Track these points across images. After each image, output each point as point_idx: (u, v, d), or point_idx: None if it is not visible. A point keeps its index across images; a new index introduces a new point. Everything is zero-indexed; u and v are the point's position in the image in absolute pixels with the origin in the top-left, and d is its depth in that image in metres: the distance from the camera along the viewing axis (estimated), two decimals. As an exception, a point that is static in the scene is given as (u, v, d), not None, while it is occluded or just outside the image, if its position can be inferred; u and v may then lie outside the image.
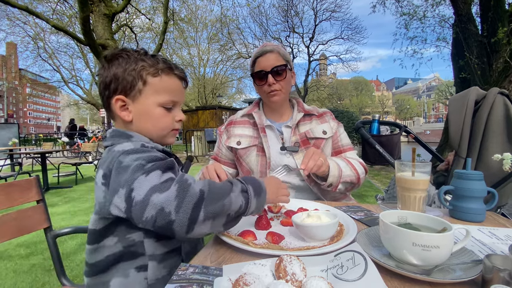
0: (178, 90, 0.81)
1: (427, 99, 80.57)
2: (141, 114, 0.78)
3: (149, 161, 0.64)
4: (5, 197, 1.03)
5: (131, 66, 0.75)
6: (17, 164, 6.73)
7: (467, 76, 6.80)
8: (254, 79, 1.29)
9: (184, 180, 0.60)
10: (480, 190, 0.84)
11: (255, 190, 0.67)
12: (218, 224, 0.61)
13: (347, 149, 1.33)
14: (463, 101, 1.28)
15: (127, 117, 0.77)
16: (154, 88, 0.76)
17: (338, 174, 1.13)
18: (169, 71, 0.79)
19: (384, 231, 0.57)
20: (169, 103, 0.79)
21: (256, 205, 0.67)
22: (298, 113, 1.30)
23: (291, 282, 0.46)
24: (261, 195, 0.68)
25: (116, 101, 0.76)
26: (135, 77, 0.75)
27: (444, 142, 7.22)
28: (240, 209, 0.64)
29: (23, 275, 2.18)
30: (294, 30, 22.28)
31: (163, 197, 0.57)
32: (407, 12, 9.82)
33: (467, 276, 0.49)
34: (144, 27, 17.43)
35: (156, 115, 0.78)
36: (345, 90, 54.02)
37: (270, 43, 1.29)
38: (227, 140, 1.33)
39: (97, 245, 0.71)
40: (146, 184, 0.59)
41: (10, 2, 7.17)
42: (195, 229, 0.58)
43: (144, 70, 0.76)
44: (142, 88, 0.76)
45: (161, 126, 0.80)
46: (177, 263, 0.73)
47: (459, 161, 1.27)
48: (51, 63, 22.35)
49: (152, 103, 0.77)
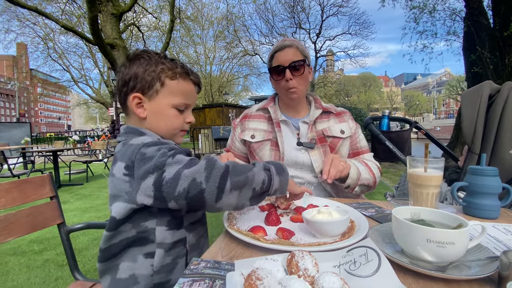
0: (191, 94, 0.87)
1: (437, 95, 79.03)
2: (155, 112, 0.83)
3: (171, 149, 0.69)
4: (20, 193, 1.05)
5: (151, 68, 0.81)
6: (30, 162, 6.89)
7: (479, 71, 6.64)
8: (272, 74, 1.28)
9: (210, 157, 0.67)
10: (495, 186, 0.82)
11: (277, 169, 0.71)
12: (244, 196, 0.66)
13: (365, 151, 1.32)
14: (476, 96, 1.25)
15: (142, 114, 0.82)
16: (170, 90, 0.82)
17: (357, 177, 1.12)
18: (186, 76, 0.85)
19: (397, 228, 0.57)
20: (182, 105, 0.85)
21: (280, 183, 0.71)
22: (316, 109, 1.29)
23: (303, 277, 0.46)
24: (283, 174, 0.72)
25: (133, 98, 0.82)
26: (154, 77, 0.81)
27: (455, 138, 7.09)
28: (263, 185, 0.68)
29: (37, 270, 2.24)
30: (300, 26, 22.09)
31: (194, 169, 0.63)
32: (417, 5, 9.61)
33: (483, 273, 0.48)
34: (151, 26, 17.57)
35: (169, 115, 0.83)
36: (353, 86, 53.43)
37: (289, 38, 1.27)
38: (241, 133, 1.33)
39: (114, 231, 0.76)
40: (175, 165, 0.64)
41: (20, 3, 7.32)
42: (223, 198, 0.63)
43: (163, 73, 0.82)
44: (159, 89, 0.81)
45: (173, 126, 0.85)
46: (180, 254, 0.77)
47: (472, 157, 1.24)
48: (61, 63, 22.77)
49: (167, 104, 0.82)
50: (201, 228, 0.86)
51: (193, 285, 0.46)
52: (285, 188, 0.73)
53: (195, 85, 0.89)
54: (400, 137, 2.00)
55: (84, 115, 57.18)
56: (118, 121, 13.84)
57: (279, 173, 0.71)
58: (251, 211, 0.89)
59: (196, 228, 0.83)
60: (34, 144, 12.13)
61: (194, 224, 0.83)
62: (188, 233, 0.80)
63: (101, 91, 26.20)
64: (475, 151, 1.24)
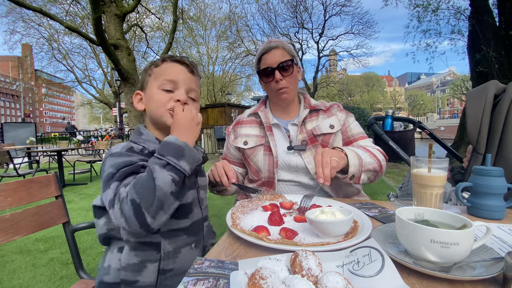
0: (176, 72, 0.88)
1: (442, 94, 78.38)
2: (147, 100, 0.89)
3: (120, 167, 0.72)
4: (26, 193, 1.07)
5: (146, 67, 0.92)
6: (35, 161, 6.94)
7: (484, 70, 6.58)
8: (261, 77, 1.27)
9: (121, 199, 0.66)
10: (500, 186, 0.82)
11: (175, 155, 0.70)
12: (169, 205, 0.68)
13: (358, 138, 1.24)
14: (481, 95, 1.24)
15: (139, 107, 0.90)
16: (155, 76, 0.88)
17: (359, 163, 1.02)
18: (169, 59, 0.90)
19: (401, 228, 0.56)
20: (166, 82, 0.86)
21: (189, 162, 0.72)
22: (304, 109, 1.26)
23: (307, 277, 0.46)
24: (183, 153, 0.71)
25: (135, 95, 0.92)
26: (145, 73, 0.91)
27: (459, 138, 7.03)
28: (175, 180, 0.68)
29: (42, 269, 2.26)
30: (303, 25, 22.03)
31: (114, 215, 0.67)
32: (421, 4, 9.53)
33: (488, 274, 0.48)
34: (154, 27, 17.64)
35: (156, 97, 0.86)
36: (356, 86, 53.12)
37: (274, 39, 1.26)
38: (234, 140, 1.32)
39: (96, 220, 0.86)
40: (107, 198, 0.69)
41: (25, 4, 7.39)
42: (153, 226, 0.67)
43: (151, 65, 0.90)
44: (148, 79, 0.89)
45: (158, 104, 0.86)
46: (151, 258, 0.78)
47: (477, 158, 1.23)
48: (65, 63, 22.94)
49: (153, 87, 0.87)
50: (184, 238, 0.84)
51: (197, 284, 0.46)
52: (198, 157, 0.75)
53: (183, 64, 0.90)
54: (404, 137, 1.99)
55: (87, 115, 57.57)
56: (122, 121, 13.94)
57: (180, 155, 0.71)
58: (254, 211, 0.89)
59: (176, 236, 0.82)
60: (39, 144, 12.24)
61: (175, 232, 0.82)
62: (164, 239, 0.79)
63: (105, 91, 26.38)
64: (480, 151, 1.23)
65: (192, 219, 0.87)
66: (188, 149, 0.72)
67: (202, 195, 0.95)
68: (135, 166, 0.74)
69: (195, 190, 0.90)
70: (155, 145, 0.84)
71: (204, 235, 0.92)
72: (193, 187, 0.90)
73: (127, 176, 0.72)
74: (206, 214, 0.96)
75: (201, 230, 0.91)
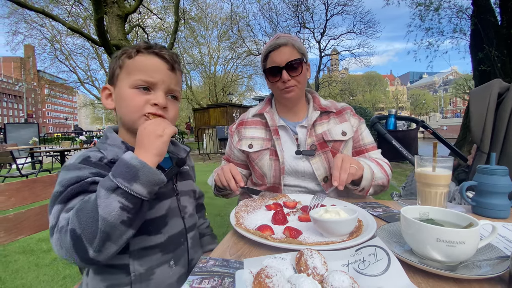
0: (154, 69, 0.73)
1: (444, 94, 78.07)
2: (118, 99, 0.75)
3: (67, 185, 0.62)
4: (29, 193, 1.07)
5: (116, 54, 0.76)
6: (38, 162, 6.99)
7: (487, 69, 6.54)
8: (267, 76, 1.19)
9: (60, 228, 0.57)
10: (505, 185, 0.81)
11: (127, 177, 0.57)
12: (119, 235, 0.57)
13: (370, 148, 1.21)
14: (485, 94, 1.23)
15: (109, 105, 0.76)
16: (127, 70, 0.73)
17: (371, 177, 1.02)
18: (146, 50, 0.74)
19: (406, 227, 0.56)
20: (141, 83, 0.72)
21: (145, 186, 0.59)
22: (314, 111, 1.19)
23: (312, 275, 0.46)
24: (137, 174, 0.58)
25: (103, 90, 0.78)
26: (115, 63, 0.75)
27: (462, 138, 6.99)
28: (127, 207, 0.56)
29: (45, 268, 2.27)
30: (304, 25, 22.00)
31: (54, 245, 0.58)
32: (423, 2, 9.50)
33: (493, 273, 0.47)
34: (155, 27, 17.69)
35: (128, 97, 0.72)
36: (358, 86, 53.02)
37: (283, 34, 1.17)
38: (239, 142, 1.25)
39: None
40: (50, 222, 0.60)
41: (27, 6, 7.43)
42: (98, 259, 0.57)
43: (123, 55, 0.74)
44: (119, 72, 0.74)
45: (129, 109, 0.72)
46: (120, 282, 0.68)
47: (481, 156, 1.22)
48: (68, 64, 23.08)
49: (124, 86, 0.73)
50: (159, 256, 0.72)
51: (202, 282, 0.46)
52: (156, 181, 0.60)
53: (162, 59, 0.74)
54: (407, 136, 1.98)
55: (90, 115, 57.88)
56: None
57: (132, 178, 0.57)
58: (257, 210, 0.89)
59: (149, 255, 0.70)
60: (42, 144, 12.30)
61: (147, 251, 0.70)
62: (133, 259, 0.68)
63: (107, 92, 26.40)
64: (484, 150, 1.22)
65: (169, 233, 0.75)
66: (144, 170, 0.58)
67: (185, 202, 0.83)
68: (82, 184, 0.62)
69: (175, 198, 0.80)
70: (118, 151, 0.72)
71: (188, 249, 0.80)
72: (171, 194, 0.79)
73: (73, 197, 0.61)
74: (192, 223, 0.85)
75: (182, 243, 0.79)
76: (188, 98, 28.31)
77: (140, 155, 0.61)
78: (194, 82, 32.35)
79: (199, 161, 9.23)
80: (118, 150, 0.72)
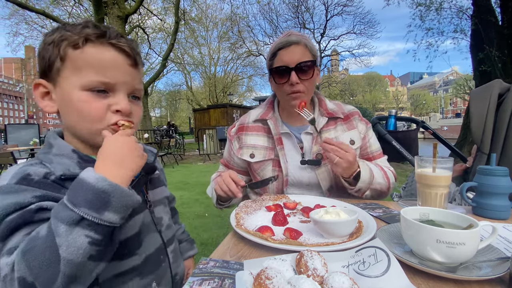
0: (112, 66, 0.58)
1: (444, 94, 78.02)
2: (63, 103, 0.58)
3: (3, 216, 0.47)
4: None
5: (51, 38, 0.56)
6: (38, 163, 6.99)
7: (487, 69, 6.54)
8: (273, 75, 1.08)
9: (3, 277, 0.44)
10: (505, 186, 0.81)
11: (95, 205, 0.45)
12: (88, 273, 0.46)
13: (377, 155, 1.16)
14: (486, 94, 1.23)
15: (49, 108, 0.59)
16: (73, 65, 0.56)
17: (369, 180, 0.98)
18: (99, 40, 0.57)
19: (406, 228, 0.56)
20: (97, 84, 0.56)
21: (119, 211, 0.47)
22: (320, 116, 1.12)
23: (312, 277, 0.46)
24: (109, 201, 0.46)
25: (36, 87, 0.58)
26: (52, 52, 0.56)
27: (463, 138, 6.99)
28: (96, 240, 0.45)
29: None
30: (305, 26, 22.02)
31: None
32: (423, 2, 9.51)
33: (494, 274, 0.47)
34: (156, 28, 17.74)
35: (79, 103, 0.56)
36: (358, 86, 53.10)
37: (295, 32, 1.08)
38: (239, 150, 1.17)
39: None
40: None
41: (28, 7, 7.46)
42: None
43: (64, 42, 0.55)
44: (60, 66, 0.56)
45: (86, 118, 0.57)
46: None
47: (481, 157, 1.22)
48: (68, 65, 23.08)
49: (72, 86, 0.56)
50: (137, 281, 0.61)
51: (202, 283, 0.46)
52: (130, 204, 0.49)
53: (122, 53, 0.59)
54: (407, 137, 1.98)
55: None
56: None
57: (102, 206, 0.45)
58: (258, 211, 0.89)
59: (124, 282, 0.60)
60: (42, 145, 12.30)
61: (121, 277, 0.59)
62: None
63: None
64: (484, 150, 1.22)
65: (145, 252, 0.64)
66: (116, 194, 0.47)
67: (160, 213, 0.72)
68: (24, 214, 0.47)
69: (147, 211, 0.68)
70: (69, 163, 0.57)
71: (170, 265, 0.71)
72: (143, 207, 0.67)
73: (13, 232, 0.46)
74: (170, 236, 0.74)
75: (163, 261, 0.69)
76: (189, 98, 28.35)
77: (110, 170, 0.49)
78: (194, 82, 32.46)
79: (199, 161, 9.24)
80: (69, 161, 0.58)
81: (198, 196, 4.30)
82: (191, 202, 4.05)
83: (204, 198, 4.03)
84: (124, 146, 0.53)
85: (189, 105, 29.78)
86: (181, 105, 42.84)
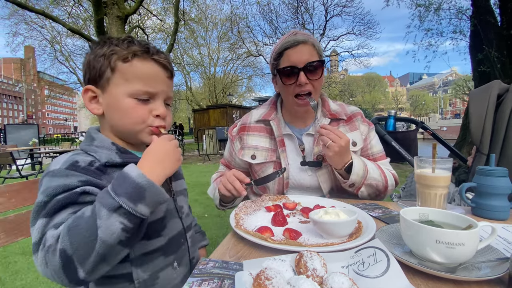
0: (155, 78, 0.69)
1: (444, 95, 78.16)
2: (110, 106, 0.68)
3: (53, 195, 0.56)
4: (30, 194, 1.07)
5: (101, 51, 0.66)
6: (38, 163, 6.99)
7: (486, 70, 6.56)
8: (280, 76, 1.06)
9: (48, 246, 0.51)
10: (504, 187, 0.81)
11: (132, 197, 0.53)
12: (115, 256, 0.53)
13: (378, 158, 1.15)
14: (485, 95, 1.24)
15: (96, 110, 0.69)
16: (123, 76, 0.66)
17: (363, 174, 0.98)
18: (144, 55, 0.68)
19: (406, 228, 0.56)
20: (141, 93, 0.67)
21: (150, 206, 0.55)
22: (323, 117, 1.11)
23: (312, 277, 0.46)
24: (144, 195, 0.54)
25: (85, 91, 0.68)
26: (103, 63, 0.66)
27: (462, 139, 7.00)
28: (128, 227, 0.52)
29: (46, 270, 2.27)
30: (304, 26, 22.02)
31: (38, 264, 0.53)
32: (423, 3, 9.53)
33: (493, 274, 0.48)
34: (155, 28, 17.72)
35: (126, 108, 0.67)
36: (358, 87, 53.19)
37: (300, 31, 1.06)
38: (241, 151, 1.16)
39: None
40: (33, 237, 0.55)
41: (28, 7, 7.45)
42: (88, 280, 0.52)
43: (114, 55, 0.66)
44: (110, 76, 0.66)
45: (131, 120, 0.67)
46: None
47: (480, 158, 1.23)
48: (68, 65, 23.05)
49: (121, 93, 0.66)
50: (162, 259, 0.70)
51: (202, 284, 0.46)
52: (160, 201, 0.57)
53: (162, 67, 0.70)
54: (407, 138, 1.99)
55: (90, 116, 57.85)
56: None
57: (138, 198, 0.53)
58: (257, 211, 0.89)
59: (151, 260, 0.68)
60: (42, 145, 12.29)
61: (149, 256, 0.68)
62: (136, 267, 0.65)
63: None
64: (483, 151, 1.23)
65: (168, 235, 0.73)
66: (151, 190, 0.55)
67: (181, 202, 0.82)
68: (71, 195, 0.56)
69: (171, 199, 0.78)
70: (110, 153, 0.67)
71: (188, 248, 0.80)
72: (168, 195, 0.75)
73: (60, 210, 0.55)
74: (189, 223, 0.84)
75: (183, 244, 0.78)
76: (188, 99, 28.34)
77: (151, 169, 0.57)
78: (194, 83, 32.42)
79: (198, 162, 9.23)
80: (109, 152, 0.67)
81: (198, 197, 4.30)
82: (190, 202, 3.98)
83: (204, 198, 4.03)
84: (167, 150, 0.62)
85: (189, 105, 29.79)
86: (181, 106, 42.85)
